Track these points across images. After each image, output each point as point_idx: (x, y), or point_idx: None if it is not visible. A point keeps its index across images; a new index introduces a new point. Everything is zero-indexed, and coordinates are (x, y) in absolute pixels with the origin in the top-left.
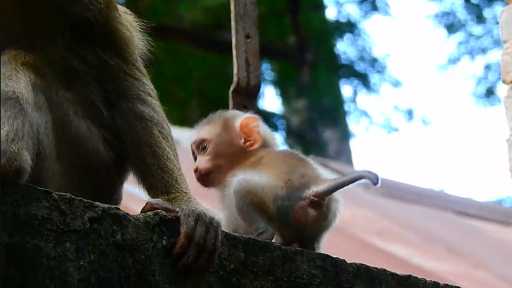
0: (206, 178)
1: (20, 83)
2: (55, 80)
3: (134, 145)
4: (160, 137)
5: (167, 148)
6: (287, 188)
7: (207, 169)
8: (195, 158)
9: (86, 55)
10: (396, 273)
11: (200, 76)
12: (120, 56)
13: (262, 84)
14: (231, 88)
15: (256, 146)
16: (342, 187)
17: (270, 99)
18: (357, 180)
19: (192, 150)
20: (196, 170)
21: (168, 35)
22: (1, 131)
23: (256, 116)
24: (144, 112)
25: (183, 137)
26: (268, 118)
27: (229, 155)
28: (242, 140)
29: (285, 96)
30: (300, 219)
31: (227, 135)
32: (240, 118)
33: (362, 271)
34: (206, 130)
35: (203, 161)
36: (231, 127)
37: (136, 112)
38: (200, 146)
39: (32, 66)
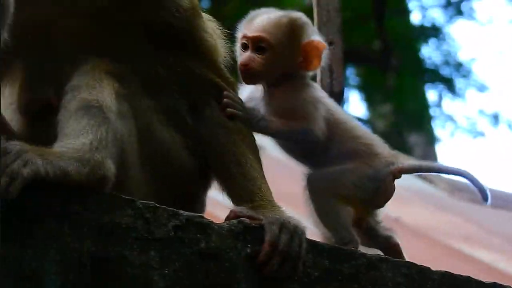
0: (253, 77)
1: (104, 91)
2: (139, 88)
3: (217, 153)
4: (243, 145)
5: (250, 156)
6: (375, 166)
7: (259, 72)
8: (244, 48)
9: (171, 62)
10: (481, 281)
11: None
12: (205, 64)
13: (346, 90)
14: None
15: (310, 71)
16: (427, 171)
17: (355, 104)
18: (455, 174)
19: (242, 40)
20: (245, 65)
21: None
22: (85, 139)
23: (325, 44)
24: (227, 120)
25: (267, 144)
26: None
27: (282, 67)
28: (300, 58)
29: (370, 101)
30: (387, 195)
31: (289, 48)
32: (310, 36)
33: (447, 279)
34: (270, 31)
35: (257, 62)
36: (297, 41)
37: (220, 120)
38: (256, 44)
39: (115, 74)
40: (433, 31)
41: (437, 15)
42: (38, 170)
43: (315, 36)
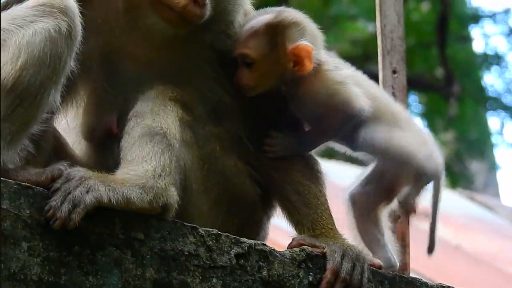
0: (250, 91)
1: (168, 118)
2: (203, 115)
3: (278, 181)
4: (305, 172)
5: (311, 184)
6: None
7: (250, 87)
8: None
9: (235, 90)
10: None
11: None
12: None
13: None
14: None
15: (305, 72)
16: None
17: None
18: None
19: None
20: (238, 82)
21: None
22: (148, 166)
23: (310, 46)
24: None
25: (331, 170)
26: None
27: (275, 75)
28: (291, 63)
29: (433, 128)
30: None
31: (275, 57)
32: (294, 40)
33: None
34: (251, 45)
35: (247, 77)
36: (282, 49)
37: None
38: (243, 60)
39: (179, 101)
40: (496, 59)
41: (499, 43)
42: (101, 197)
43: (300, 39)
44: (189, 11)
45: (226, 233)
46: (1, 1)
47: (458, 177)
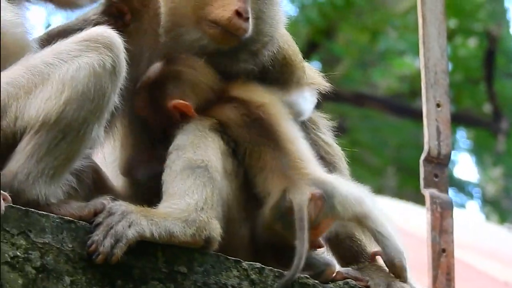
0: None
1: (208, 150)
2: None
3: None
4: None
5: None
6: None
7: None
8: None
9: None
10: None
11: (395, 144)
12: (302, 124)
13: (457, 153)
14: (422, 157)
15: None
16: None
17: (466, 168)
18: None
19: None
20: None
21: (363, 103)
22: (191, 199)
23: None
24: None
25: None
26: (462, 186)
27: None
28: None
29: (481, 164)
30: None
31: None
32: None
33: None
34: None
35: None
36: None
37: None
38: None
39: (219, 130)
40: None
41: None
42: (143, 231)
43: None
44: (234, 24)
45: (270, 267)
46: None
47: (506, 213)
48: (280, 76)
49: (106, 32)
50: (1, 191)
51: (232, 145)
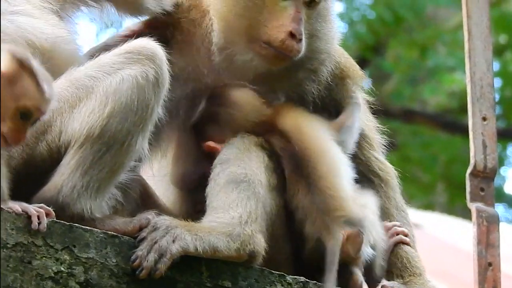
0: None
1: (252, 164)
2: None
3: None
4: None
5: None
6: None
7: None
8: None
9: None
10: None
11: (445, 160)
12: (356, 142)
13: (507, 168)
14: (468, 171)
15: None
16: None
17: None
18: None
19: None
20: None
21: (413, 119)
22: (235, 213)
23: None
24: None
25: (426, 221)
26: (510, 202)
27: None
28: None
29: None
30: None
31: None
32: None
33: None
34: None
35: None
36: None
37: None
38: None
39: (264, 146)
40: None
41: None
42: (187, 246)
43: None
44: (287, 46)
45: (314, 281)
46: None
47: None
48: (339, 91)
49: (149, 43)
50: (45, 206)
51: (276, 162)
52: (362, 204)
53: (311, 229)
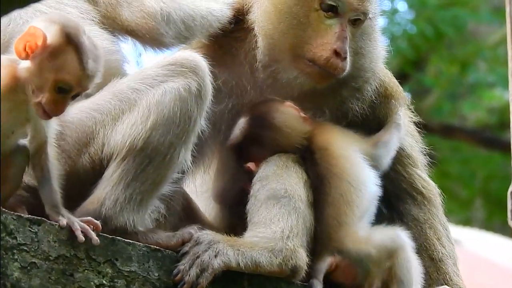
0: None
1: (291, 180)
2: None
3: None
4: (435, 239)
5: (441, 250)
6: None
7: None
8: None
9: None
10: None
11: (483, 176)
12: (399, 160)
13: None
14: (510, 189)
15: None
16: None
17: None
18: None
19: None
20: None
21: (453, 135)
22: (276, 228)
23: None
24: (419, 215)
25: (465, 237)
26: None
27: None
28: None
29: None
30: None
31: None
32: None
33: None
34: None
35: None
36: None
37: (412, 214)
38: None
39: (301, 163)
40: None
41: None
42: (229, 261)
43: None
44: (332, 64)
45: None
46: None
47: None
48: (382, 109)
49: (192, 55)
50: (93, 220)
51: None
52: (379, 238)
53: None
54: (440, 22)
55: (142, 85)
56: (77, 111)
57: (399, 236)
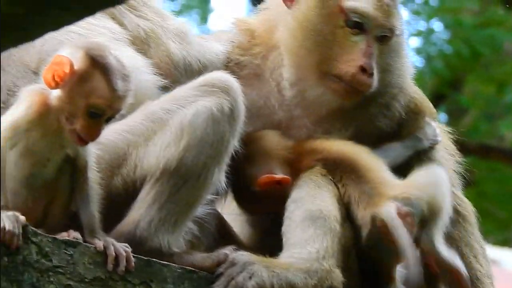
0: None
1: (325, 199)
2: None
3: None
4: (471, 257)
5: (479, 269)
6: None
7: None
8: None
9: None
10: None
11: None
12: None
13: None
14: None
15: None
16: None
17: None
18: None
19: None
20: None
21: (490, 155)
22: (312, 248)
23: None
24: (454, 232)
25: (503, 258)
26: None
27: None
28: None
29: None
30: None
31: None
32: None
33: None
34: None
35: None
36: None
37: (448, 232)
38: None
39: (331, 178)
40: None
41: None
42: (264, 283)
43: None
44: (358, 80)
45: None
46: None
47: None
48: (411, 126)
49: (223, 76)
50: (129, 252)
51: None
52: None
53: (363, 213)
54: (476, 42)
55: (174, 106)
56: (110, 133)
57: (437, 173)
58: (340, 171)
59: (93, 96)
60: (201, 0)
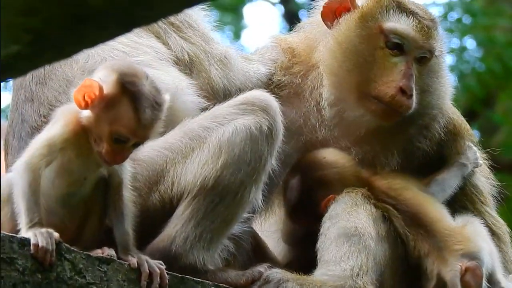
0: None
1: (360, 217)
2: None
3: None
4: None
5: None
6: None
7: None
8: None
9: None
10: None
11: None
12: (469, 197)
13: None
14: None
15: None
16: None
17: None
18: None
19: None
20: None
21: None
22: (346, 265)
23: None
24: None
25: None
26: None
27: None
28: None
29: None
30: None
31: None
32: None
33: None
34: None
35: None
36: None
37: None
38: None
39: (370, 197)
40: None
41: None
42: None
43: None
44: (397, 102)
45: None
46: None
47: None
48: (450, 147)
49: (263, 95)
50: (163, 270)
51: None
52: (477, 234)
53: (432, 267)
54: (509, 59)
55: (212, 124)
56: (148, 149)
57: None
58: (414, 226)
59: (117, 123)
60: (234, 16)
